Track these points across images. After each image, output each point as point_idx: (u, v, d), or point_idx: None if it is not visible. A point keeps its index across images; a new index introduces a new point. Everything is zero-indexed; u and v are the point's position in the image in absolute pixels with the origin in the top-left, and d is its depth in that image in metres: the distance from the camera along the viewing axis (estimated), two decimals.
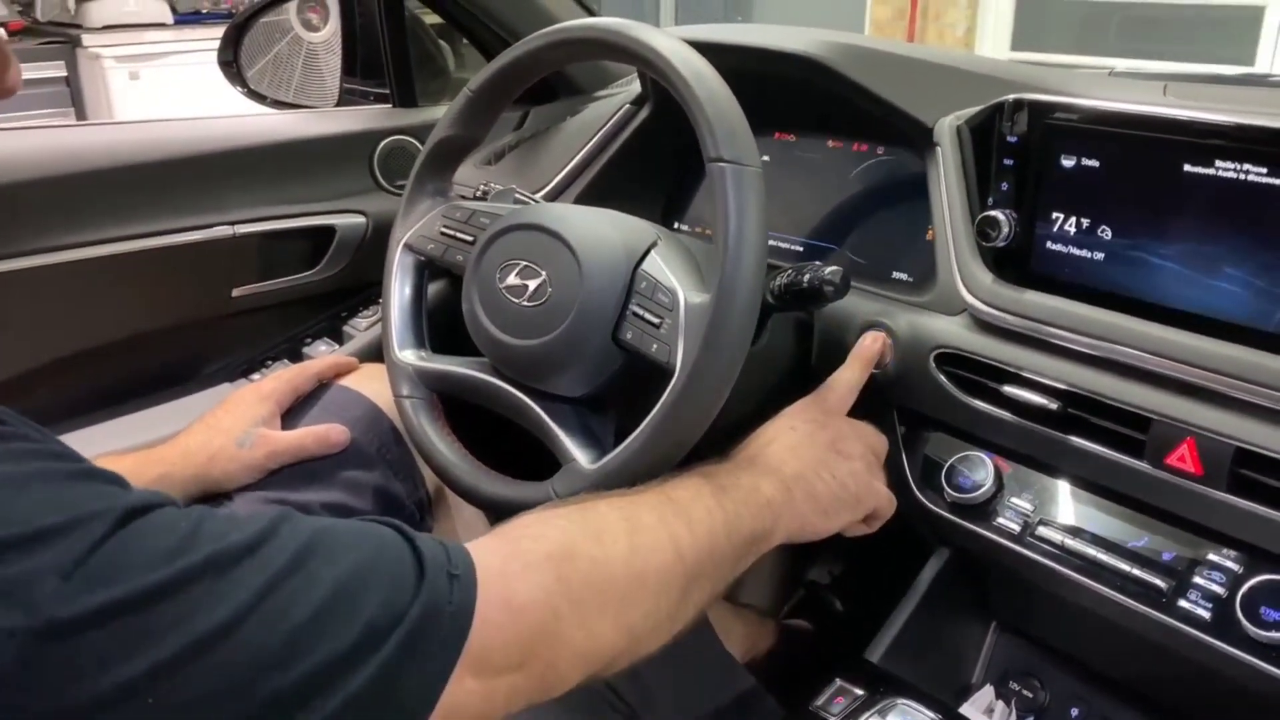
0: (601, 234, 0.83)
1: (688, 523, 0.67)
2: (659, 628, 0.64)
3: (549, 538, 0.60)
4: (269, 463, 0.92)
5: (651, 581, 0.62)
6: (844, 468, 0.79)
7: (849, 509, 0.79)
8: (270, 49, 1.63)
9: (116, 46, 3.80)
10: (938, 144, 0.90)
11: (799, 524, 0.76)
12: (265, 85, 1.58)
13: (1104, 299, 0.78)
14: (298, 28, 1.63)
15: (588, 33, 0.84)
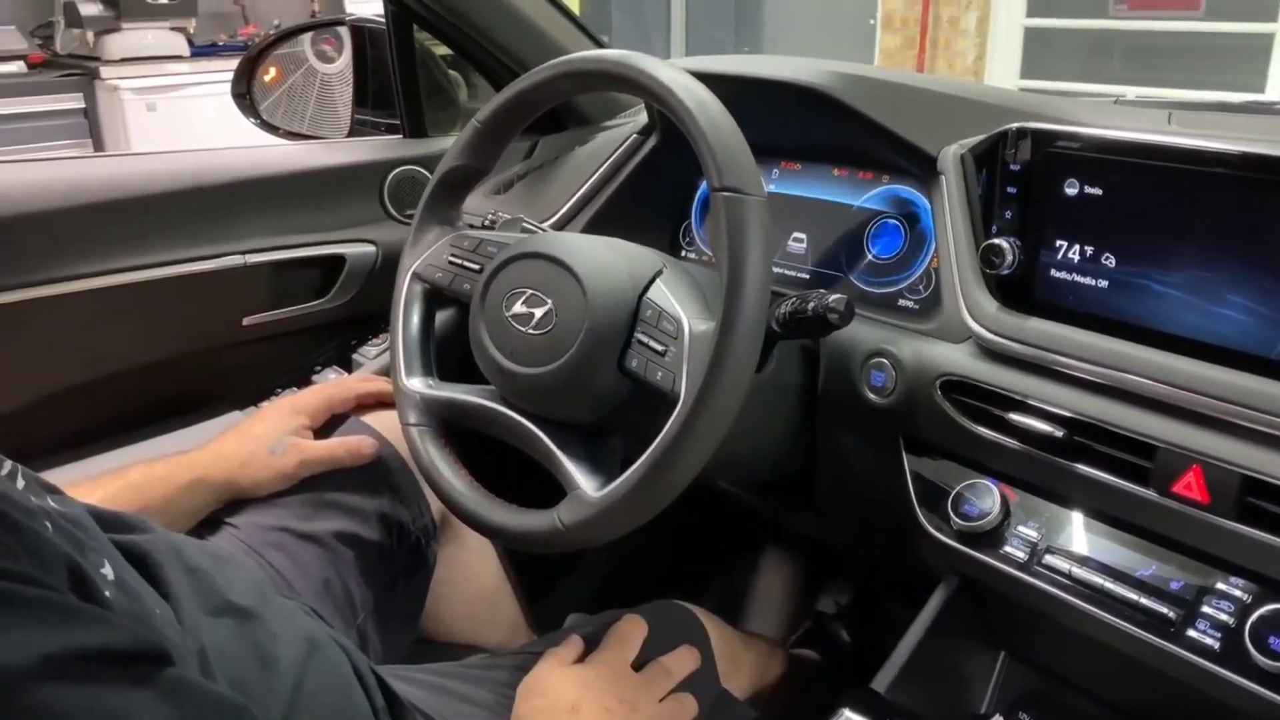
0: (607, 262, 0.84)
1: None
2: None
3: None
4: (300, 471, 0.92)
5: None
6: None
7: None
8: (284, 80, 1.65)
9: (134, 78, 3.86)
10: (942, 173, 0.91)
11: None
12: (279, 116, 1.60)
13: (1109, 326, 0.78)
14: (312, 59, 1.66)
15: (594, 65, 0.85)
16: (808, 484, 1.04)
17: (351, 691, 0.75)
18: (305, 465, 0.92)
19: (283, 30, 1.55)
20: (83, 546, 0.51)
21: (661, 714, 0.85)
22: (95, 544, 0.55)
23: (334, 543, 0.94)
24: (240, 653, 0.66)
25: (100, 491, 0.83)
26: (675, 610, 1.01)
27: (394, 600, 0.98)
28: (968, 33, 4.75)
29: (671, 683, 0.89)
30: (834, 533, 1.13)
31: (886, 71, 1.01)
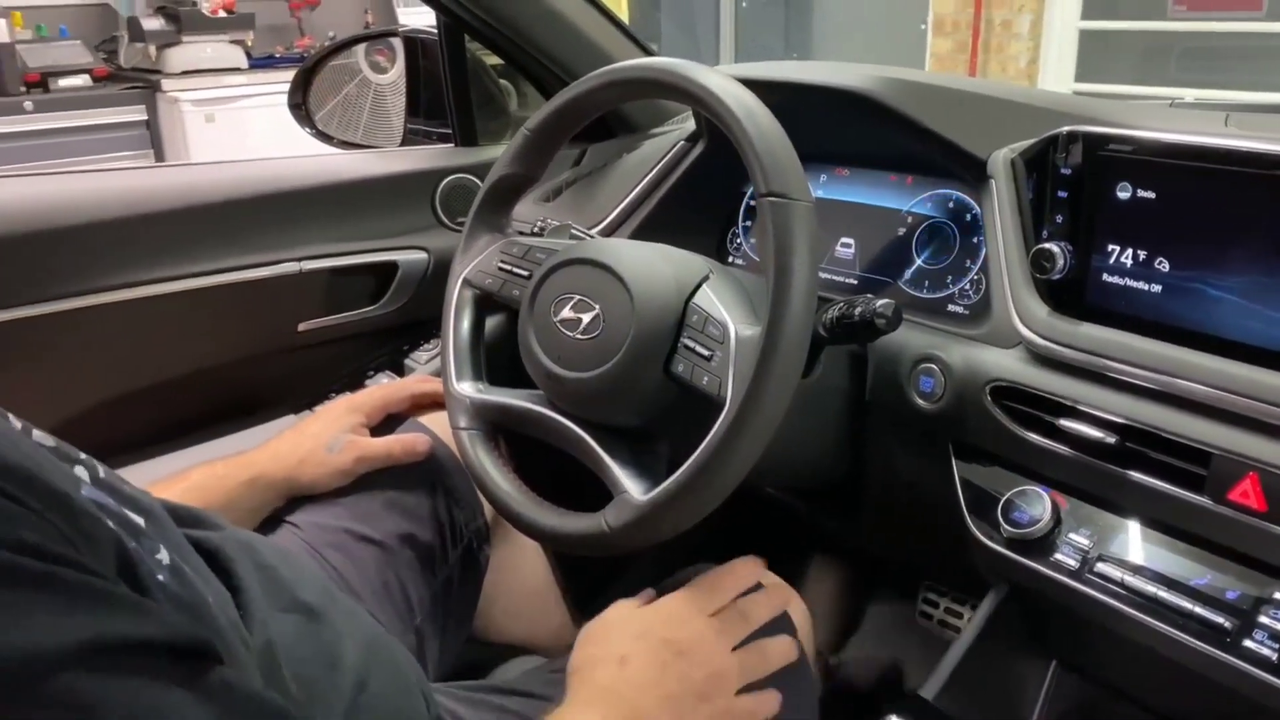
0: (654, 268, 0.84)
1: None
2: None
3: None
4: (357, 467, 0.94)
5: None
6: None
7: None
8: (339, 91, 1.68)
9: (194, 90, 3.96)
10: (992, 177, 0.90)
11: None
12: (334, 126, 1.63)
13: (1162, 331, 0.77)
14: (366, 70, 1.69)
15: (642, 73, 0.86)
16: (855, 490, 1.03)
17: (412, 694, 0.76)
18: (362, 462, 0.94)
19: (337, 42, 1.58)
20: (139, 534, 0.53)
21: (729, 668, 0.77)
22: (156, 532, 0.56)
23: (392, 544, 0.96)
24: (307, 649, 0.67)
25: (163, 493, 0.85)
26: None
27: (448, 601, 0.99)
28: (1021, 36, 4.69)
29: (749, 629, 0.80)
30: (881, 539, 1.13)
31: (935, 76, 1.01)
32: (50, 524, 0.42)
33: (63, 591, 0.40)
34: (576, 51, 1.24)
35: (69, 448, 0.59)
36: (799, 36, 5.68)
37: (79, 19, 4.16)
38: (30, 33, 3.97)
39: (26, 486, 0.42)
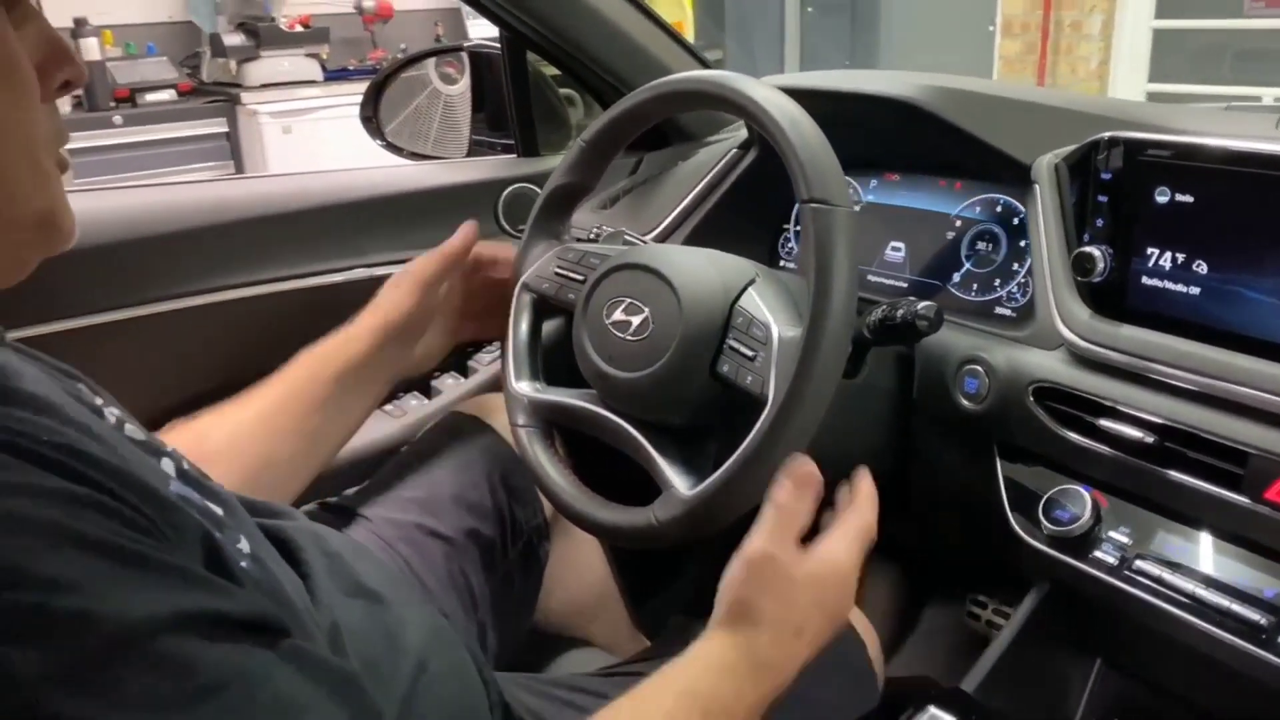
0: (701, 272, 0.88)
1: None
2: None
3: None
4: (423, 273, 0.99)
5: None
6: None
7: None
8: (410, 102, 1.75)
9: (271, 103, 4.09)
10: (1035, 182, 0.92)
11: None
12: (405, 137, 1.69)
13: (1202, 333, 0.78)
14: (436, 82, 1.74)
15: (690, 85, 0.89)
16: (903, 489, 1.05)
17: (470, 680, 0.79)
18: (425, 268, 0.99)
19: (405, 57, 1.64)
20: (222, 525, 0.58)
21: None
22: (236, 523, 0.61)
23: (457, 539, 1.00)
24: (369, 632, 0.71)
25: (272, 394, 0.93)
26: None
27: (509, 595, 1.03)
28: (1092, 36, 4.61)
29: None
30: (927, 538, 1.14)
31: (979, 83, 1.02)
32: (143, 516, 0.47)
33: (154, 572, 0.44)
34: (633, 63, 1.28)
35: (157, 441, 0.65)
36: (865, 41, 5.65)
37: (165, 36, 4.33)
38: (120, 50, 4.15)
39: (122, 483, 0.47)
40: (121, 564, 0.43)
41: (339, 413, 0.96)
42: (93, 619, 0.40)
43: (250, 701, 0.44)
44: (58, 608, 0.40)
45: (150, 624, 0.42)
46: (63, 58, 0.53)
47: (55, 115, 0.54)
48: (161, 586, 0.44)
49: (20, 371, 0.52)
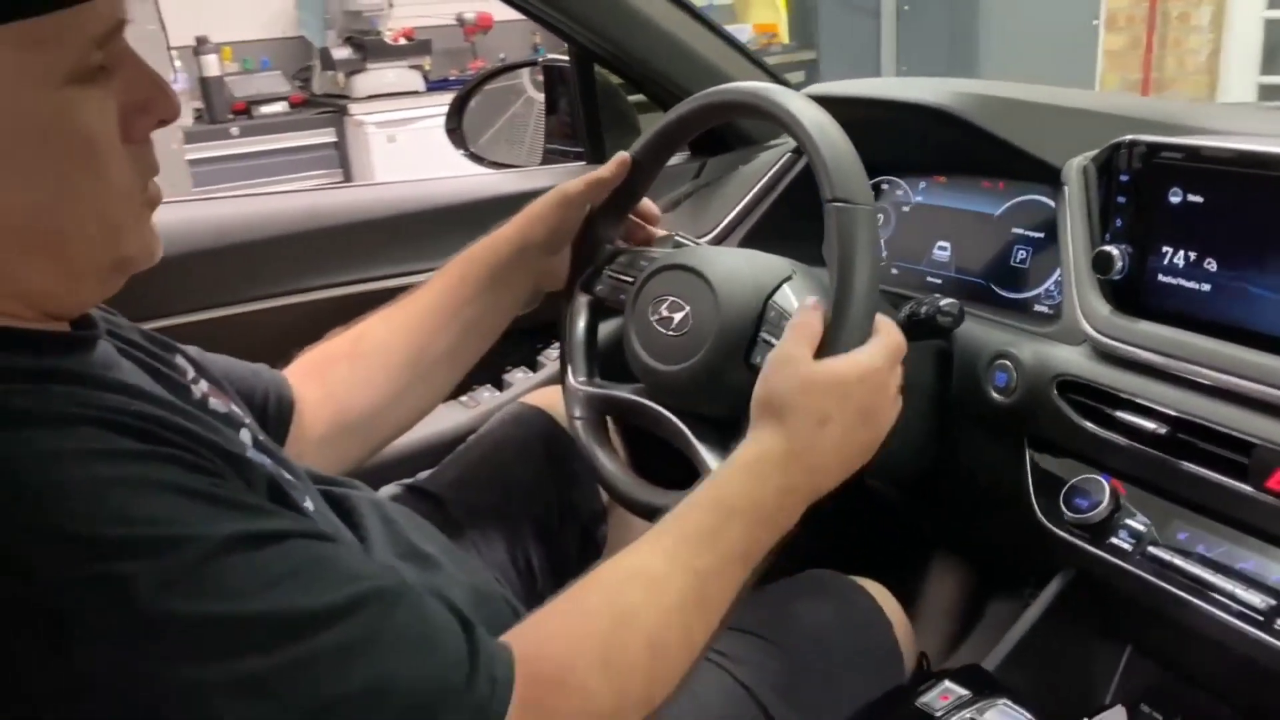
0: (738, 271, 0.94)
1: (710, 561, 0.70)
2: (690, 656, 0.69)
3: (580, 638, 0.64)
4: (570, 192, 1.03)
5: (679, 646, 0.68)
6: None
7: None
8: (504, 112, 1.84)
9: (377, 113, 4.28)
10: (1065, 184, 0.95)
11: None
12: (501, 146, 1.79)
13: (1213, 328, 0.81)
14: (530, 90, 1.84)
15: (729, 97, 0.95)
16: (940, 480, 1.09)
17: None
18: (566, 197, 1.03)
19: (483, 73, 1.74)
20: (291, 486, 0.67)
21: (892, 417, 0.81)
22: (303, 487, 0.71)
23: (519, 519, 1.09)
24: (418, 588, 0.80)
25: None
26: (845, 584, 1.01)
27: (567, 573, 1.10)
28: (1200, 28, 4.47)
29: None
30: (964, 527, 1.18)
31: (1013, 87, 1.06)
32: (217, 467, 0.57)
33: (229, 506, 0.54)
34: (693, 73, 1.35)
35: (239, 414, 0.75)
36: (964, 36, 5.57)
37: (279, 51, 4.57)
38: (237, 66, 4.40)
39: (198, 443, 0.57)
40: (203, 501, 0.53)
41: (486, 311, 1.05)
42: (187, 539, 0.50)
43: (322, 566, 0.55)
44: (158, 534, 0.50)
45: (234, 539, 0.52)
46: (157, 99, 0.59)
47: (145, 151, 0.60)
48: (237, 516, 0.54)
49: (117, 363, 0.63)
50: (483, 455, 1.13)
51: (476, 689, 0.56)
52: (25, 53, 0.51)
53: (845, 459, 0.77)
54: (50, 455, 0.49)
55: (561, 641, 0.64)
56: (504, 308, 1.08)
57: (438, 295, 1.04)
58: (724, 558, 0.71)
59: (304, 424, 0.95)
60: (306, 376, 0.97)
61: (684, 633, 0.68)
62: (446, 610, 0.60)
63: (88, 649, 0.48)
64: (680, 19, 1.34)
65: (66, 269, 0.57)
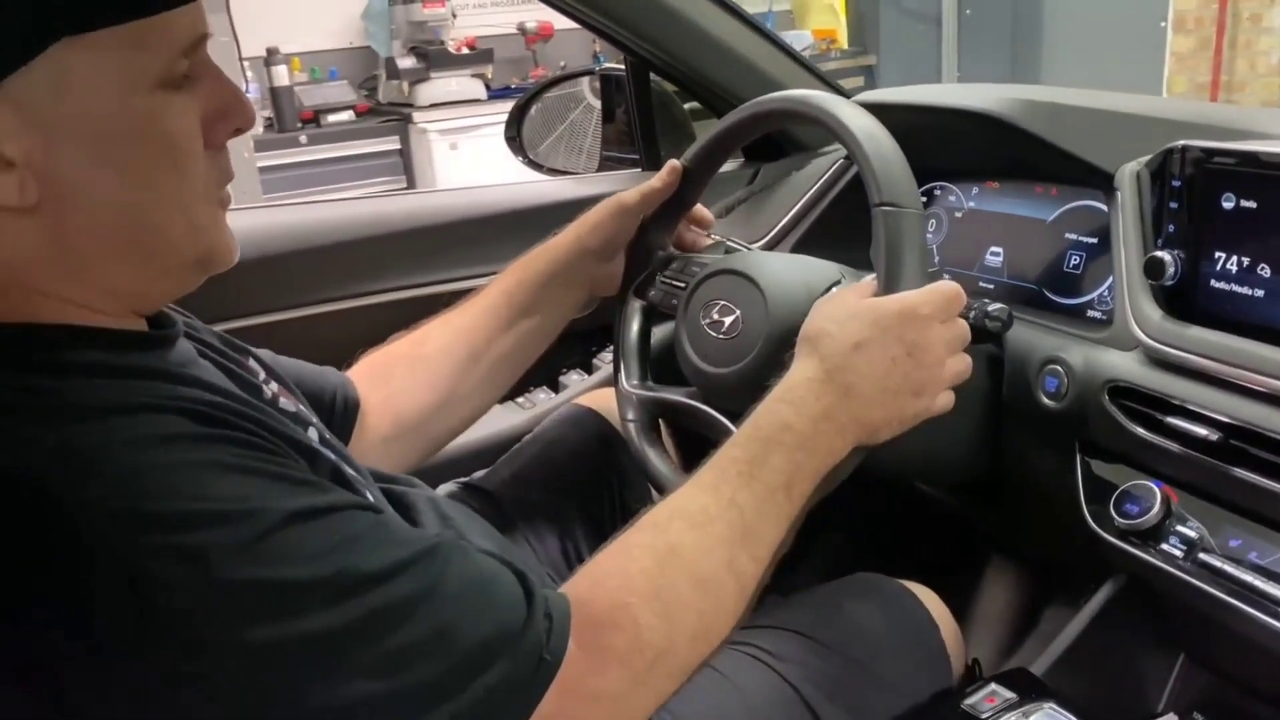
0: (788, 276, 0.95)
1: (751, 511, 0.72)
2: (733, 607, 0.70)
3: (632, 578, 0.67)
4: (625, 201, 1.06)
5: (725, 587, 0.69)
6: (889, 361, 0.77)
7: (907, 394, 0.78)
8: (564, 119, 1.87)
9: (440, 121, 4.35)
10: (1118, 189, 0.95)
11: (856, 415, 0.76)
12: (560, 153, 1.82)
13: (1266, 334, 0.80)
14: (589, 97, 1.87)
15: (779, 105, 0.97)
16: (992, 484, 1.09)
17: None
18: (621, 205, 1.06)
19: (542, 81, 1.77)
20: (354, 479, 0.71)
21: (945, 373, 0.80)
22: (366, 482, 0.74)
23: (571, 517, 1.11)
24: None
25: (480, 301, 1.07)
26: (893, 587, 1.01)
27: None
28: (1272, 29, 4.36)
29: (967, 341, 0.82)
30: (1017, 533, 1.18)
31: (1064, 93, 1.06)
32: (285, 452, 0.61)
33: (299, 484, 0.58)
34: (746, 81, 1.36)
35: (306, 413, 0.78)
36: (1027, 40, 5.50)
37: (346, 61, 4.67)
38: (306, 75, 4.51)
39: (271, 432, 0.61)
40: (270, 479, 0.57)
41: (542, 314, 1.09)
42: (257, 512, 0.54)
43: (379, 532, 0.59)
44: (230, 509, 0.54)
45: (299, 513, 0.56)
46: (235, 108, 0.63)
47: (222, 157, 0.64)
48: (301, 492, 0.58)
49: (195, 361, 0.67)
50: (537, 455, 1.16)
51: (534, 630, 0.60)
52: (124, 53, 0.56)
53: (886, 390, 0.76)
54: (130, 442, 0.53)
55: (613, 582, 0.66)
56: (560, 312, 1.10)
57: (496, 300, 1.07)
58: (766, 487, 0.73)
59: (367, 424, 0.98)
60: (369, 378, 1.01)
61: (729, 565, 0.69)
62: (499, 563, 0.63)
63: (169, 617, 0.51)
64: (734, 27, 1.36)
65: (153, 266, 0.61)
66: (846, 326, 0.77)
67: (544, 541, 1.09)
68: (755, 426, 0.76)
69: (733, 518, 0.71)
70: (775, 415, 0.76)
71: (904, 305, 0.78)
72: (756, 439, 0.75)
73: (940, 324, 0.78)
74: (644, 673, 0.64)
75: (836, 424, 0.75)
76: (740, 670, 0.88)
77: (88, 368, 0.57)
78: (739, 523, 0.71)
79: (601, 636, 0.62)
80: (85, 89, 0.55)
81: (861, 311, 0.78)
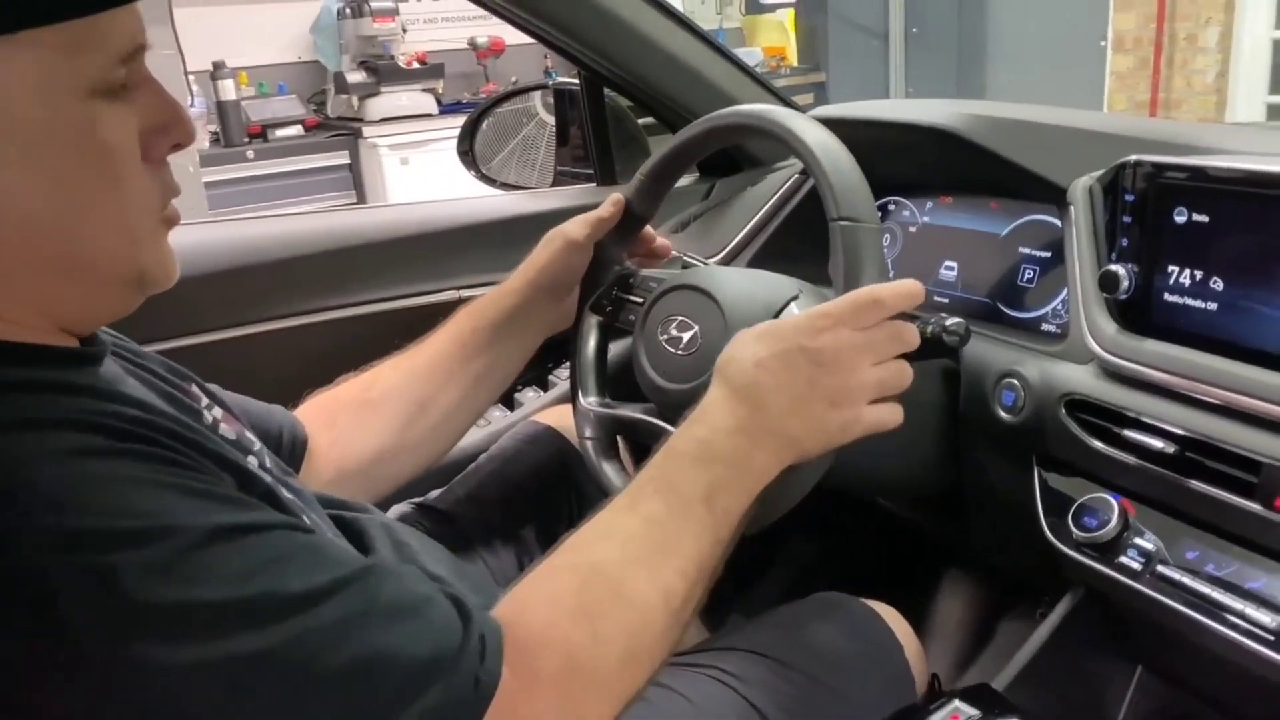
0: (746, 290, 0.95)
1: (681, 542, 0.71)
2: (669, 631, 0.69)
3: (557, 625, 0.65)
4: (573, 234, 1.05)
5: (654, 608, 0.68)
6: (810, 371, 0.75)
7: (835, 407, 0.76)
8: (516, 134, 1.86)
9: (389, 136, 4.32)
10: (1071, 204, 0.96)
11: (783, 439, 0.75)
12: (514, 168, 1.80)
13: (1220, 347, 0.81)
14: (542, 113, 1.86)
15: (734, 119, 0.96)
16: (951, 498, 1.10)
17: None
18: (569, 240, 1.05)
19: (495, 96, 1.76)
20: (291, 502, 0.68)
21: (866, 381, 0.76)
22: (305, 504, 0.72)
23: (530, 538, 1.10)
24: None
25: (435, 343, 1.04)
26: (856, 605, 0.99)
27: None
28: (1208, 49, 4.48)
29: (898, 349, 0.79)
30: (977, 546, 1.18)
31: (1017, 109, 1.07)
32: (216, 472, 0.58)
33: (225, 502, 0.56)
34: (701, 96, 1.36)
35: (248, 440, 0.76)
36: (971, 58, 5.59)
37: (295, 75, 4.62)
38: (254, 90, 4.45)
39: (201, 452, 0.59)
40: (193, 496, 0.54)
41: (497, 360, 1.06)
42: (174, 529, 0.51)
43: (309, 553, 0.57)
44: (146, 525, 0.51)
45: (221, 529, 0.53)
46: (174, 122, 0.61)
47: (164, 172, 0.62)
48: (224, 509, 0.55)
49: (124, 379, 0.64)
50: (493, 473, 1.14)
51: (468, 656, 0.58)
52: (57, 56, 0.53)
53: (797, 400, 0.75)
54: (47, 455, 0.51)
55: (539, 604, 0.65)
56: (514, 359, 1.09)
57: (447, 346, 1.04)
58: (682, 500, 0.72)
59: (312, 466, 0.96)
60: (314, 421, 0.99)
61: (653, 582, 0.68)
62: (435, 587, 0.62)
63: (80, 639, 0.49)
64: (687, 41, 1.36)
65: (86, 282, 0.59)
66: (749, 348, 0.78)
67: (501, 561, 1.07)
68: (668, 447, 0.76)
69: (652, 533, 0.70)
70: (686, 434, 0.76)
71: (804, 317, 0.78)
72: (670, 457, 0.75)
73: (853, 331, 0.76)
74: (578, 694, 0.62)
75: (750, 436, 0.75)
76: (703, 693, 0.86)
77: (6, 383, 0.54)
78: (658, 537, 0.70)
79: (532, 659, 0.61)
80: (14, 91, 0.52)
81: (764, 331, 0.79)
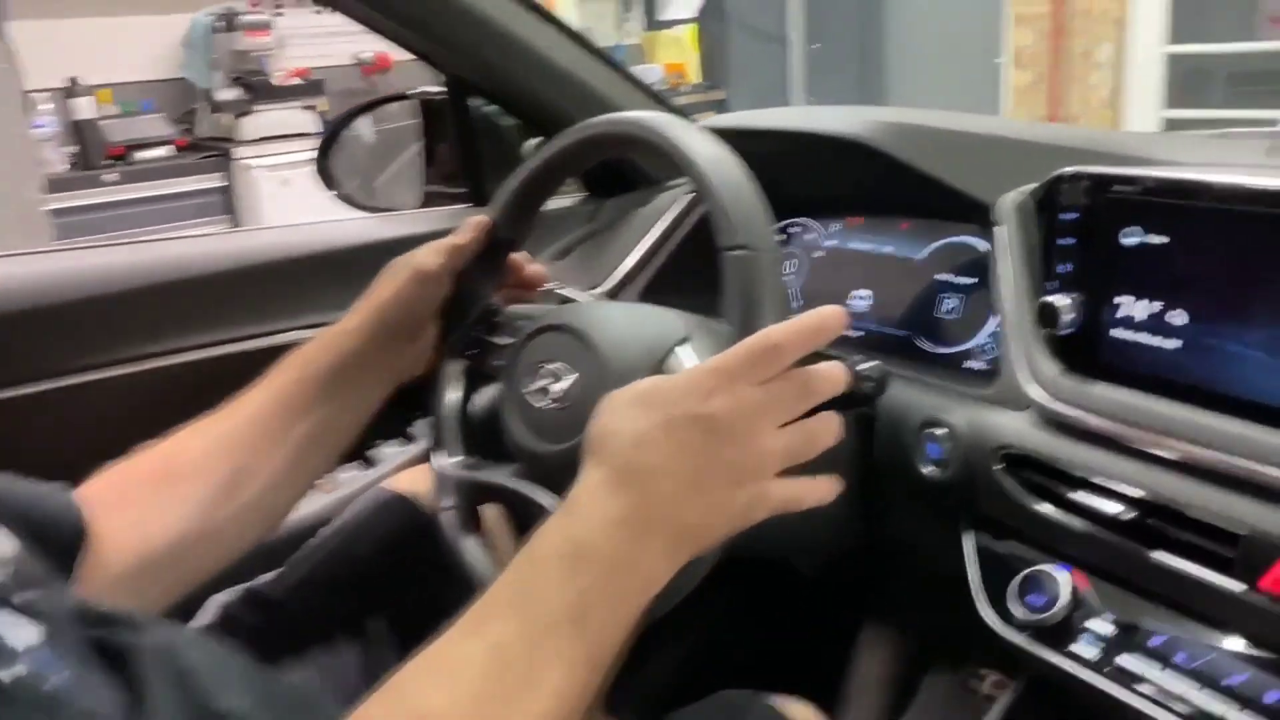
0: (629, 332, 0.80)
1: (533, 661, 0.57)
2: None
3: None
4: (424, 263, 0.89)
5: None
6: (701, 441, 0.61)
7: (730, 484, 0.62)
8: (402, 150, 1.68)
9: (266, 156, 4.09)
10: (998, 223, 0.83)
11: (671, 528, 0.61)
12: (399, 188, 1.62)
13: (1184, 392, 0.68)
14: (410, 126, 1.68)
15: (611, 129, 0.82)
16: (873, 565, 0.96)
17: None
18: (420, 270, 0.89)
19: (352, 109, 1.58)
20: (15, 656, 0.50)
21: (771, 448, 0.63)
22: (53, 644, 0.54)
23: (381, 630, 0.93)
24: None
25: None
26: (757, 704, 0.88)
27: None
28: (1102, 65, 4.54)
29: (807, 403, 0.65)
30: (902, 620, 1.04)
31: (939, 116, 0.94)
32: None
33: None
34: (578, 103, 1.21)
35: None
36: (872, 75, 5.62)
37: (163, 93, 4.34)
38: (117, 108, 4.16)
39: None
40: None
41: (331, 417, 0.86)
42: None
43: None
44: None
45: None
46: None
47: None
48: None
49: None
50: (336, 552, 0.97)
51: None
52: None
53: (690, 484, 0.61)
54: None
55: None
56: (353, 414, 0.90)
57: (267, 405, 0.85)
58: (543, 623, 0.57)
59: (104, 557, 0.76)
60: (106, 501, 0.78)
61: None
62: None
63: None
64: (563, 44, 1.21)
65: None
66: (627, 418, 0.63)
67: (341, 660, 0.90)
68: (529, 547, 0.60)
69: (499, 668, 0.55)
70: (555, 531, 0.61)
71: (692, 375, 0.63)
72: (531, 561, 0.60)
73: (752, 387, 0.62)
74: None
75: (634, 531, 0.60)
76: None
77: None
78: (506, 674, 0.55)
79: None
80: None
81: (644, 394, 0.64)
